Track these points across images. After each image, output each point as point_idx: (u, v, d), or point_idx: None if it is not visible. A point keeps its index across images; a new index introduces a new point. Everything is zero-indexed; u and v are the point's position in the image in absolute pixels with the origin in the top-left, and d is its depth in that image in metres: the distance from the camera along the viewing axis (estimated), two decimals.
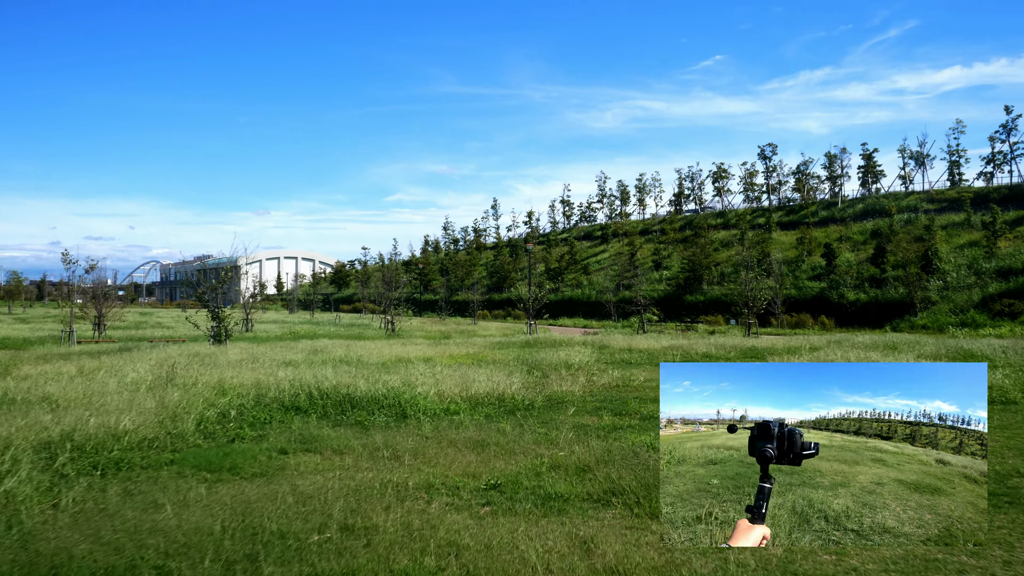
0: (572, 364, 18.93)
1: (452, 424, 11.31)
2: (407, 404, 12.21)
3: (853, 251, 66.23)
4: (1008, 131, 68.94)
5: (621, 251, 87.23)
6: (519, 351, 26.37)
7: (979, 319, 49.53)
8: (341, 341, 31.96)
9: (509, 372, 16.82)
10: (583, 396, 14.44)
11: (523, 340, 34.78)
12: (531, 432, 10.64)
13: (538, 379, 16.46)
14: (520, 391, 14.01)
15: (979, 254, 57.42)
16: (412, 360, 20.84)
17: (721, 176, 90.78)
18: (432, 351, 24.33)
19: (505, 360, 21.81)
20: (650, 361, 22.19)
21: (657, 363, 21.27)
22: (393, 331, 47.95)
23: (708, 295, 68.20)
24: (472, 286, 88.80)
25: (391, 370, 17.04)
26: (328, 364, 18.64)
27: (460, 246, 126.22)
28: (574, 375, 16.80)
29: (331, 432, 10.44)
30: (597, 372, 17.69)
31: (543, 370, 17.93)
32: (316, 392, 12.52)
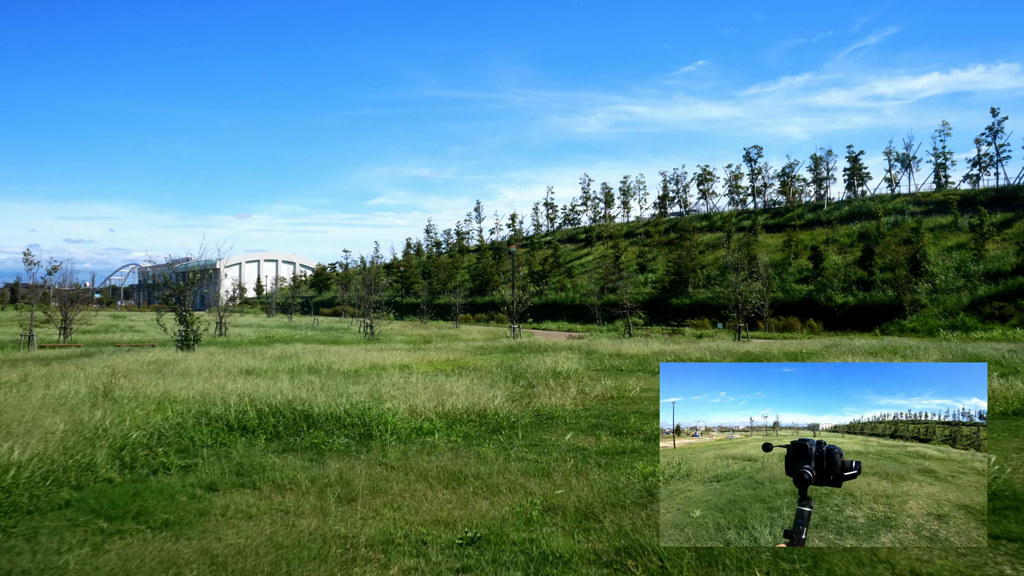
0: (560, 372, 17.51)
1: (424, 448, 9.88)
2: (373, 423, 10.73)
3: (840, 254, 65.31)
4: (994, 133, 68.30)
5: (605, 254, 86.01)
6: (502, 357, 24.94)
7: (969, 322, 48.64)
8: (315, 346, 30.40)
9: (492, 382, 15.58)
10: (575, 411, 13.05)
11: (506, 345, 33.35)
12: (518, 459, 9.21)
13: (524, 390, 15.10)
14: (504, 405, 12.66)
15: (967, 256, 56.60)
16: (387, 367, 19.36)
17: (706, 178, 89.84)
18: (410, 357, 22.83)
19: (488, 367, 20.38)
20: (642, 367, 20.80)
21: (650, 369, 19.96)
22: (372, 335, 46.40)
23: (694, 298, 67.06)
24: (454, 289, 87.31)
25: (362, 379, 15.56)
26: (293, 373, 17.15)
27: (443, 249, 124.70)
28: (563, 385, 15.43)
29: (276, 460, 8.93)
30: (588, 381, 16.28)
31: (529, 379, 16.47)
32: (267, 408, 10.98)
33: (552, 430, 11.29)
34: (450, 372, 18.70)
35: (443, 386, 13.58)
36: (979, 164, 69.78)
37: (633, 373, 19.14)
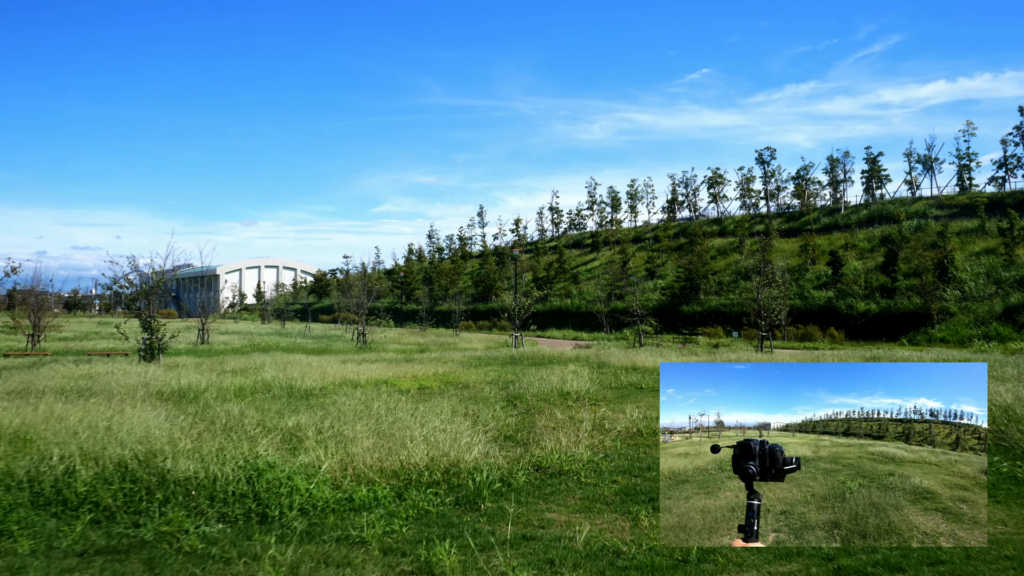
0: (568, 392, 14.55)
1: (341, 546, 6.28)
2: (271, 494, 7.14)
3: (860, 259, 62.18)
4: (1022, 134, 65.12)
5: (612, 259, 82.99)
6: (500, 370, 21.99)
7: (1004, 332, 45.54)
8: (296, 356, 27.46)
9: (474, 417, 11.85)
10: (592, 461, 9.22)
11: (507, 355, 30.40)
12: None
13: (520, 421, 12.05)
14: (488, 454, 8.73)
15: (997, 262, 53.42)
16: (361, 383, 16.47)
17: (717, 181, 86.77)
18: (393, 371, 19.82)
19: (481, 384, 17.45)
20: None
21: None
22: (364, 344, 43.44)
23: (706, 305, 64.00)
24: (456, 296, 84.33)
25: (314, 403, 12.58)
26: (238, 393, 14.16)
27: (445, 255, 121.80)
28: (572, 415, 12.17)
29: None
30: (604, 407, 13.32)
31: (528, 404, 13.51)
32: (112, 467, 7.42)
33: (560, 500, 7.81)
34: (436, 390, 15.80)
35: (410, 418, 10.13)
36: (1005, 166, 66.62)
37: (656, 392, 16.15)
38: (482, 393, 14.97)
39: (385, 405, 11.40)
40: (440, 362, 25.67)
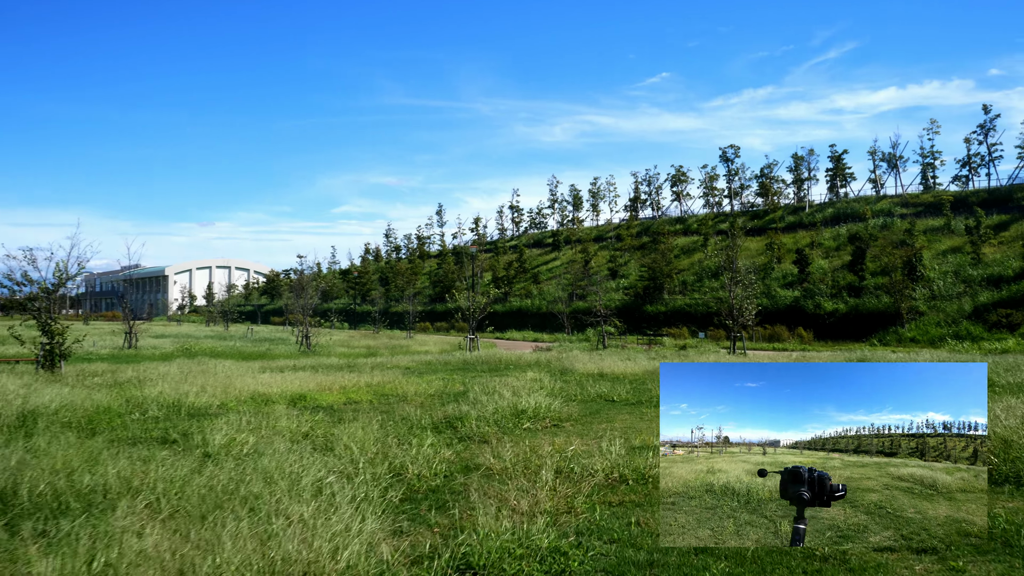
0: (525, 411, 11.95)
1: None
2: None
3: (826, 258, 60.74)
4: (986, 132, 64.35)
5: (574, 259, 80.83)
6: (448, 378, 19.48)
7: (974, 331, 44.25)
8: (220, 363, 24.61)
9: (383, 455, 8.64)
10: (556, 552, 5.58)
11: (460, 360, 27.91)
12: None
13: (455, 459, 9.17)
14: (370, 551, 5.22)
15: (965, 261, 52.27)
16: (273, 399, 13.83)
17: (680, 180, 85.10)
18: (323, 380, 17.12)
19: (420, 397, 14.91)
20: (642, 397, 15.23)
21: (655, 402, 14.46)
22: (308, 347, 40.58)
23: (670, 305, 62.10)
24: (413, 296, 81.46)
25: (170, 438, 9.87)
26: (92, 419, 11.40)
27: (402, 254, 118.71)
28: (529, 449, 9.23)
29: None
30: (572, 435, 10.70)
31: (472, 429, 10.94)
32: None
33: None
34: (364, 405, 13.27)
35: (274, 467, 7.16)
36: (969, 164, 65.75)
37: (632, 407, 13.70)
38: (418, 411, 12.44)
39: (255, 440, 8.75)
40: (383, 368, 23.05)
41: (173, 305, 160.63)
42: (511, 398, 12.19)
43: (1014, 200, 59.43)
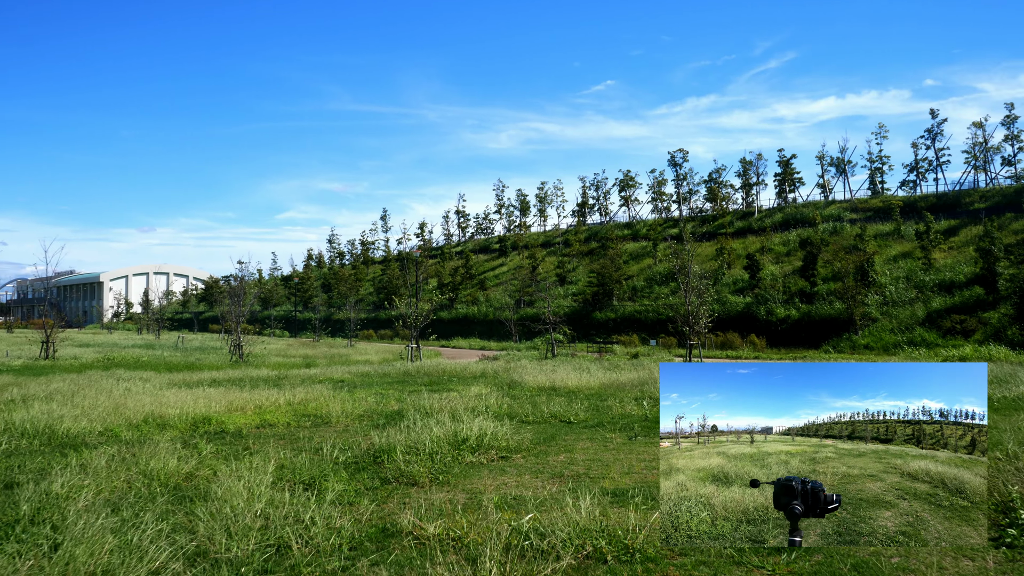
0: (467, 441, 9.71)
1: None
2: None
3: (777, 263, 59.93)
4: (933, 136, 64.37)
5: (521, 264, 79.04)
6: (384, 394, 17.32)
7: (928, 337, 43.54)
8: (131, 376, 22.04)
9: (263, 519, 6.38)
10: None
11: (400, 371, 25.76)
12: None
13: (373, 514, 6.92)
14: None
15: (916, 266, 51.79)
16: (171, 422, 11.56)
17: (629, 185, 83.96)
18: (238, 398, 14.77)
19: (344, 421, 12.74)
20: (601, 416, 13.14)
21: (617, 422, 12.46)
22: (241, 357, 37.93)
23: (620, 312, 60.61)
24: (356, 303, 78.66)
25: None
26: None
27: (346, 260, 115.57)
28: (471, 498, 7.18)
29: None
30: (524, 466, 8.74)
31: (400, 472, 8.58)
32: None
33: None
34: (280, 430, 11.07)
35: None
36: (917, 169, 65.72)
37: (592, 431, 11.66)
38: (338, 440, 10.27)
39: (108, 490, 6.59)
40: (315, 382, 20.77)
41: (108, 312, 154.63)
42: (451, 424, 10.07)
43: (962, 205, 59.39)
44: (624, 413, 13.58)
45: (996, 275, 45.21)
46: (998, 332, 41.33)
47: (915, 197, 63.93)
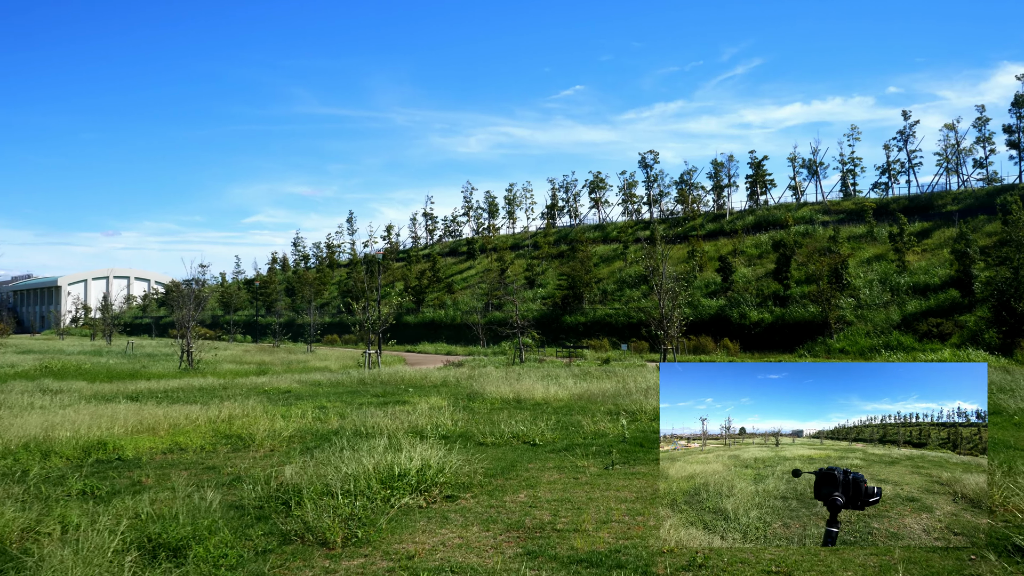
0: (404, 476, 7.71)
1: None
2: None
3: (749, 266, 58.82)
4: (905, 138, 63.75)
5: (490, 267, 77.34)
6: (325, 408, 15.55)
7: (905, 341, 42.49)
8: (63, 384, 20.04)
9: None
10: None
11: (355, 379, 23.96)
12: None
13: None
14: None
15: (890, 269, 50.89)
16: (57, 451, 9.69)
17: (599, 186, 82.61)
18: (152, 415, 12.83)
19: (269, 444, 10.96)
20: (572, 437, 11.42)
21: (589, 442, 10.67)
22: (191, 365, 35.82)
23: (590, 316, 59.11)
24: (320, 307, 76.47)
25: None
26: None
27: (311, 263, 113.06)
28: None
29: None
30: (474, 513, 7.02)
31: (309, 525, 6.64)
32: None
33: None
34: (188, 456, 9.21)
35: None
36: (889, 171, 65.07)
37: (560, 456, 9.80)
38: (248, 471, 8.47)
39: None
40: (258, 392, 18.93)
41: (67, 318, 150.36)
42: (386, 455, 8.10)
43: (935, 207, 58.71)
44: (597, 432, 11.94)
45: (972, 278, 44.36)
46: (975, 335, 40.39)
47: (887, 199, 63.24)
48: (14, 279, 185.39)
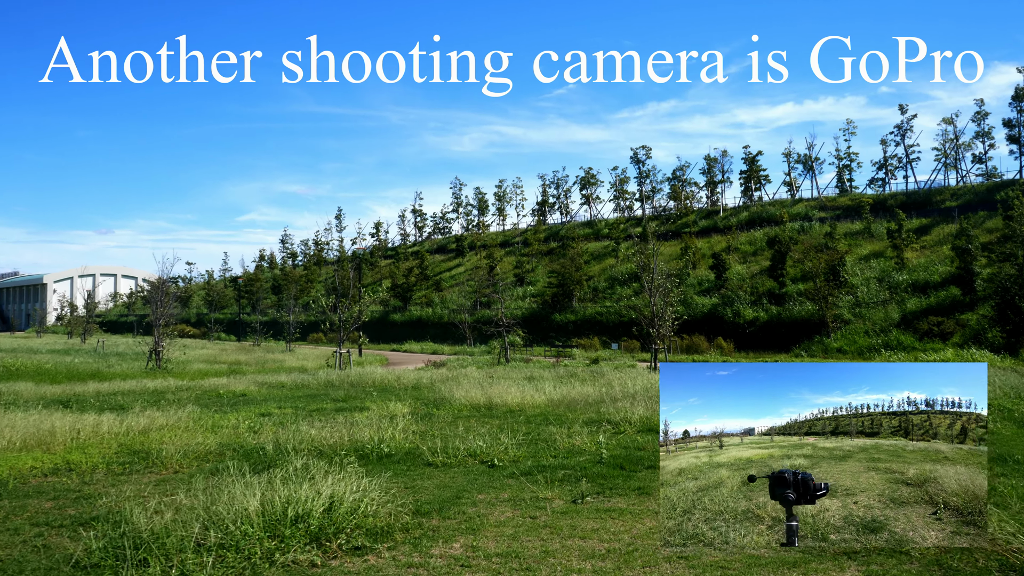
0: (305, 518, 5.88)
1: None
2: None
3: (743, 263, 57.27)
4: (903, 133, 62.18)
5: (479, 265, 75.59)
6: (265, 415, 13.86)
7: (905, 340, 40.97)
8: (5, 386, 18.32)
9: None
10: None
11: (322, 381, 22.27)
12: None
13: None
14: None
15: (888, 266, 49.40)
16: None
17: (590, 182, 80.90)
18: (56, 426, 10.89)
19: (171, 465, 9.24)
20: (540, 456, 9.85)
21: (557, 464, 8.88)
22: (159, 365, 34.09)
23: (580, 314, 57.44)
24: (306, 305, 74.53)
25: None
26: None
27: (299, 261, 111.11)
28: None
29: None
30: (385, 574, 5.26)
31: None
32: None
33: None
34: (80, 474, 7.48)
35: None
36: (886, 167, 63.52)
37: (520, 483, 8.15)
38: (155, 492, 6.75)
39: None
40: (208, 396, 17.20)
41: (52, 315, 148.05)
42: (280, 491, 6.27)
43: (933, 203, 57.22)
44: (571, 448, 10.19)
45: (974, 275, 42.89)
46: (977, 335, 38.88)
47: (885, 195, 61.72)
48: (1, 276, 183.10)
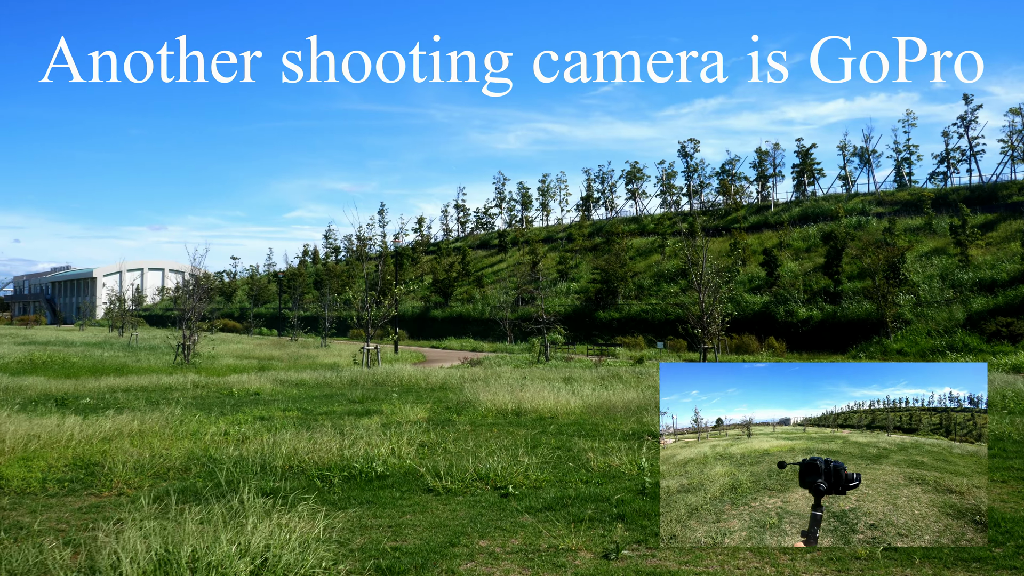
0: (266, 567, 4.35)
1: None
2: None
3: (796, 260, 54.82)
4: (967, 124, 59.03)
5: (521, 260, 74.05)
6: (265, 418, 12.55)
7: (971, 342, 38.40)
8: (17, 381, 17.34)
9: None
10: None
11: (346, 380, 20.94)
12: None
13: None
14: None
15: (951, 264, 46.65)
16: None
17: (636, 177, 78.82)
18: (9, 431, 9.68)
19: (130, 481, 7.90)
20: (568, 484, 7.61)
21: (588, 493, 7.14)
22: (187, 360, 33.18)
23: (624, 311, 55.55)
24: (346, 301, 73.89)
25: None
26: None
27: (342, 256, 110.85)
28: None
29: None
30: None
31: None
32: None
33: None
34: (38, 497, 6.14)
35: None
36: (947, 160, 60.38)
37: (539, 520, 6.43)
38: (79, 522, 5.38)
39: None
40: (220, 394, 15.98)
41: (100, 309, 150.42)
42: (199, 541, 4.75)
43: (999, 198, 54.10)
44: (606, 470, 8.41)
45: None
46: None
47: (946, 189, 58.64)
48: (53, 271, 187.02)
